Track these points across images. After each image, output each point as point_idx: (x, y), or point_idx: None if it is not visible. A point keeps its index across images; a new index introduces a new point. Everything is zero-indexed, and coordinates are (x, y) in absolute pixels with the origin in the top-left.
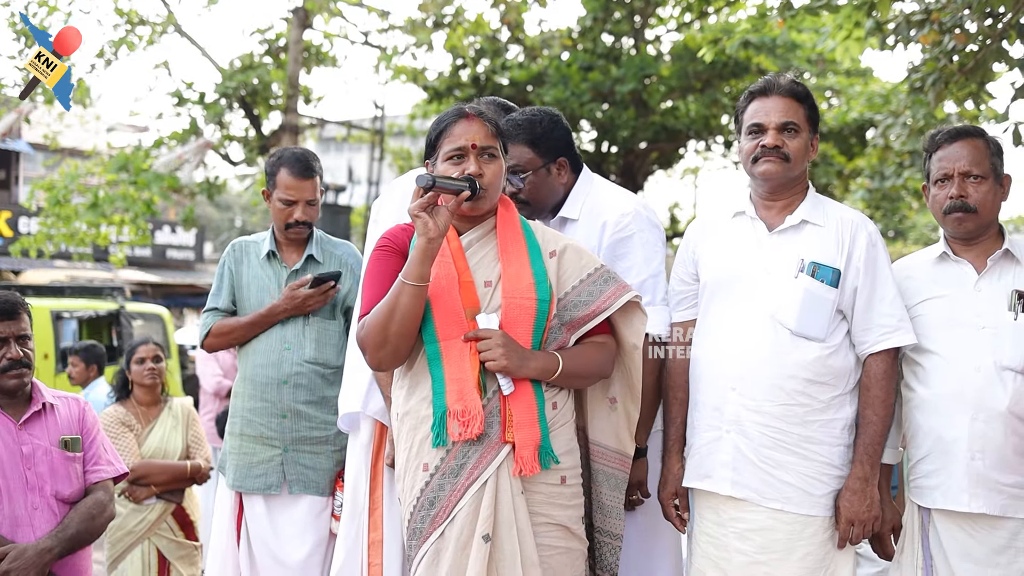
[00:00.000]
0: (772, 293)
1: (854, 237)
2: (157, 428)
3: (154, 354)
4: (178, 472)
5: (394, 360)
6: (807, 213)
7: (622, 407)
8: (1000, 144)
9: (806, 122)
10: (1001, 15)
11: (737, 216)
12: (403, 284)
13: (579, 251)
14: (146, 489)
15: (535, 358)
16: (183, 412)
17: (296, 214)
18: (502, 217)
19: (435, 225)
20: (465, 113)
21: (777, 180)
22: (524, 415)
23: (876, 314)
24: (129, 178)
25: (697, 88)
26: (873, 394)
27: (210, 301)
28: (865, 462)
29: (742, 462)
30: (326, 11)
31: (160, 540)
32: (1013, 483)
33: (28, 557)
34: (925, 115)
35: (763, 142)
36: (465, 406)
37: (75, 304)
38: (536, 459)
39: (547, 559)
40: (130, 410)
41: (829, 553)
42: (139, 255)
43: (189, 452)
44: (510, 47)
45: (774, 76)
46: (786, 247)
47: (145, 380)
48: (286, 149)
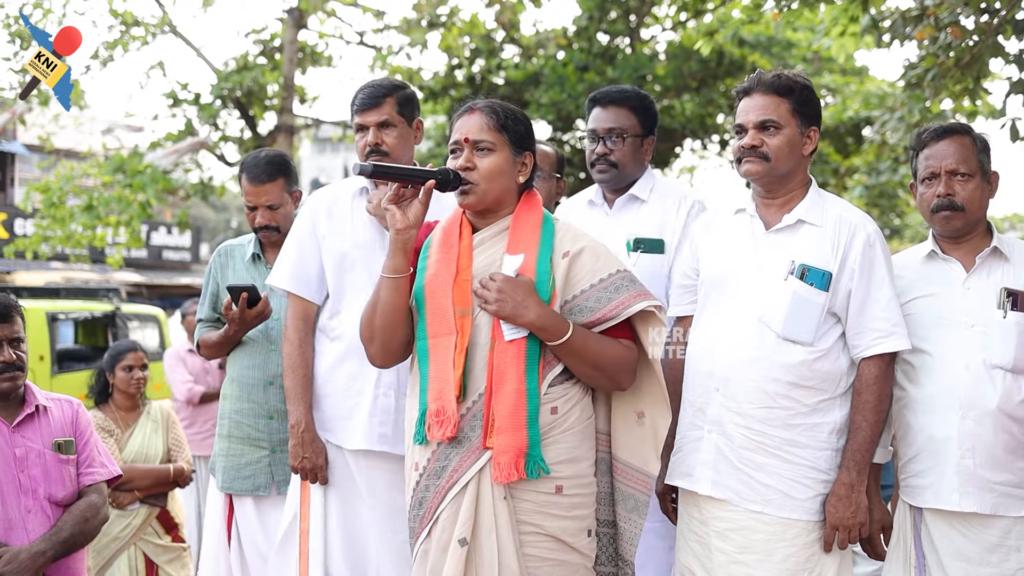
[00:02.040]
0: (762, 294)
1: (851, 238)
2: (137, 432)
3: (141, 362)
4: (161, 476)
5: (384, 354)
6: (805, 212)
7: (650, 422)
8: (987, 141)
9: (791, 116)
10: (997, 10)
11: (739, 213)
12: (381, 277)
13: (597, 254)
14: (129, 494)
15: (537, 308)
16: (162, 415)
17: (257, 219)
18: (518, 213)
19: (403, 217)
20: (470, 107)
21: (760, 179)
22: (507, 420)
23: (870, 318)
24: (125, 180)
25: (693, 87)
26: (864, 399)
27: (199, 311)
28: (852, 468)
29: (722, 463)
30: (321, 11)
31: (146, 545)
32: (1003, 481)
33: (22, 560)
34: (921, 111)
35: (742, 142)
36: (441, 406)
37: (71, 306)
38: (516, 466)
39: (534, 569)
40: (109, 415)
41: (813, 556)
42: (135, 256)
43: (170, 455)
44: (506, 47)
45: (759, 73)
46: (781, 247)
47: (130, 388)
48: (251, 153)
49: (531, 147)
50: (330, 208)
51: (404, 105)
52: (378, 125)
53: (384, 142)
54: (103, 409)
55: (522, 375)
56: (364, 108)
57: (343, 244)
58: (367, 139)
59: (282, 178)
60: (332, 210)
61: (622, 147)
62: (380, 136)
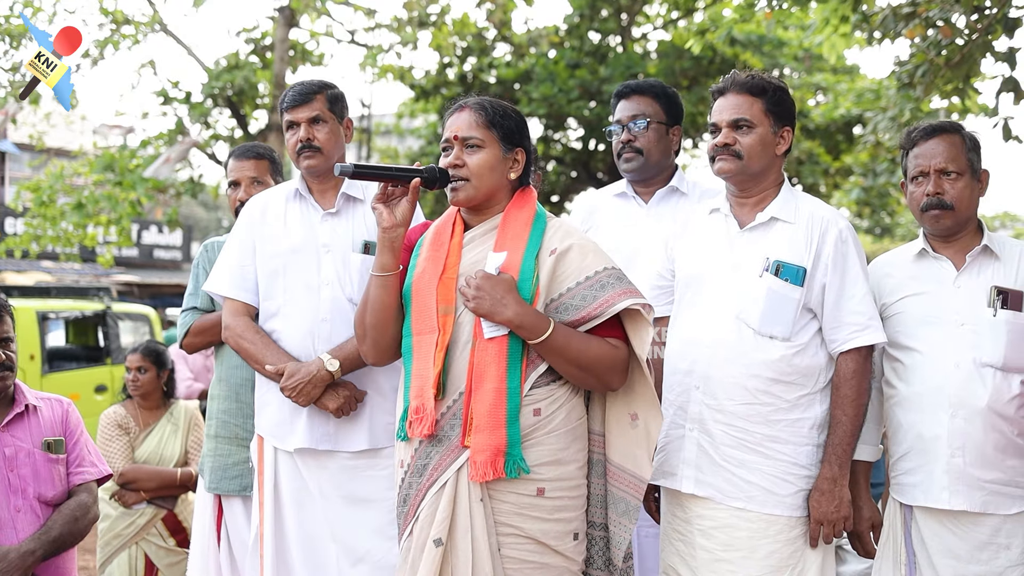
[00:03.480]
0: (738, 292)
1: (824, 234)
2: (155, 432)
3: (137, 364)
4: (167, 479)
5: (375, 352)
6: (778, 210)
7: (643, 424)
8: (977, 139)
9: (764, 116)
10: (987, 9)
11: (713, 213)
12: (371, 275)
13: (585, 251)
14: (135, 494)
15: (516, 306)
16: (185, 417)
17: (240, 195)
18: (509, 210)
19: (389, 215)
20: (460, 105)
21: (732, 177)
22: (485, 419)
23: (845, 312)
24: (115, 178)
25: (684, 86)
26: (843, 393)
27: (187, 302)
28: (834, 462)
29: (705, 461)
30: (312, 10)
31: (148, 546)
32: (993, 479)
33: (11, 560)
34: (913, 109)
35: (716, 141)
36: (421, 403)
37: (61, 305)
38: (493, 465)
39: (514, 572)
40: (130, 412)
41: (796, 552)
42: (126, 255)
43: (188, 458)
44: (497, 45)
45: (733, 74)
46: (755, 245)
47: (130, 390)
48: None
49: (523, 143)
50: (263, 212)
51: (334, 103)
52: (309, 121)
53: (316, 138)
54: (125, 405)
55: (503, 374)
56: (294, 104)
57: (276, 247)
58: (299, 135)
59: (267, 161)
60: (265, 215)
61: (646, 133)
62: (311, 132)
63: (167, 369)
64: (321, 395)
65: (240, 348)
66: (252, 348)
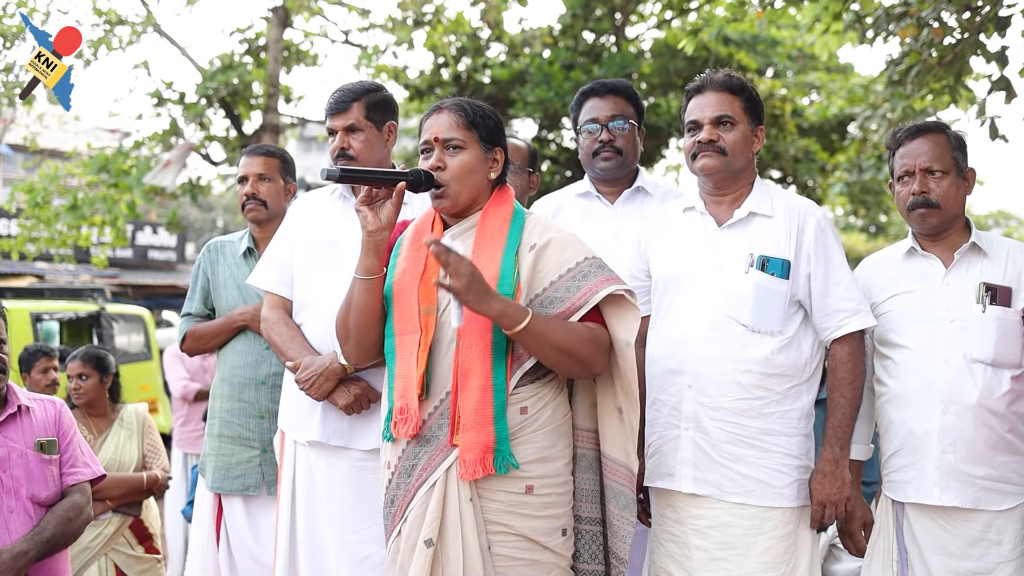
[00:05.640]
0: (725, 289)
1: (803, 224)
2: (110, 439)
3: (79, 371)
4: (133, 484)
5: (358, 353)
6: (755, 204)
7: (626, 417)
8: (963, 138)
9: (743, 114)
10: (979, 8)
11: (687, 211)
12: (354, 278)
13: (565, 244)
14: (101, 504)
15: (500, 299)
16: (137, 421)
17: (247, 188)
18: (487, 209)
19: (374, 219)
20: (438, 107)
21: (716, 174)
22: (472, 417)
23: (834, 299)
24: (109, 179)
25: (678, 85)
26: (840, 376)
27: (185, 306)
28: (835, 444)
29: (703, 459)
30: (306, 10)
31: (118, 556)
32: (984, 475)
33: (3, 561)
34: (904, 107)
35: (698, 138)
36: (405, 404)
37: (55, 306)
38: (482, 462)
39: (505, 570)
40: (80, 421)
41: (791, 547)
42: (120, 256)
43: (146, 462)
44: (491, 45)
45: (710, 73)
46: (736, 241)
47: (73, 399)
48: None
49: (501, 143)
50: (308, 210)
51: (373, 109)
52: (345, 129)
53: (351, 146)
54: (74, 413)
55: (488, 371)
56: (332, 112)
57: (312, 243)
58: (335, 143)
59: (277, 160)
60: (309, 212)
61: (626, 133)
62: (347, 140)
63: (111, 374)
64: (333, 390)
65: (270, 340)
66: (279, 341)
